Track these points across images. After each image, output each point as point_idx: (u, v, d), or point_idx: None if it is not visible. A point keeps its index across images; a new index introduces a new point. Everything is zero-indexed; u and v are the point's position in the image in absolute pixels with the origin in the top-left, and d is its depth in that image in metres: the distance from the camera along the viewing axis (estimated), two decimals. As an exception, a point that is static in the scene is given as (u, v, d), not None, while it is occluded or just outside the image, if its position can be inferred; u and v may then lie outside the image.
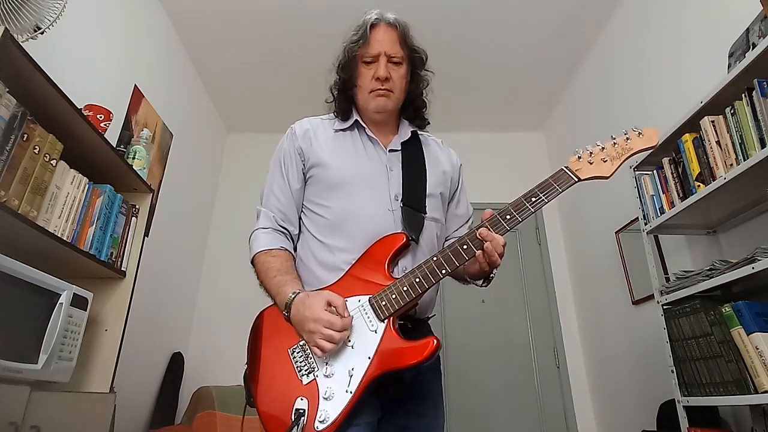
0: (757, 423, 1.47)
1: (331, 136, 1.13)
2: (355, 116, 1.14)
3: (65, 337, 1.23)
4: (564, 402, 2.86)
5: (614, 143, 1.00)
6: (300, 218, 1.11)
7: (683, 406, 1.54)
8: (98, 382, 1.46)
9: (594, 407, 2.81)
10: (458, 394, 2.84)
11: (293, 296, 0.93)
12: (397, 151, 1.13)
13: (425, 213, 1.06)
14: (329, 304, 0.90)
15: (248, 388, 0.94)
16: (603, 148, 1.00)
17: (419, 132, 1.20)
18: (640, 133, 1.00)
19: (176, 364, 2.74)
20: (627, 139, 1.00)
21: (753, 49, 1.40)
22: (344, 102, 1.16)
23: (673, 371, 1.59)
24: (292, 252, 1.07)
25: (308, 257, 1.05)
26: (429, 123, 1.23)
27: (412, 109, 1.19)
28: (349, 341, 0.90)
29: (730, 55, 1.62)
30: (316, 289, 0.98)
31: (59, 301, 1.22)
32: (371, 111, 1.12)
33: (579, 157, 1.00)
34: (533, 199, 0.95)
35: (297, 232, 1.10)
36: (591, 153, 1.00)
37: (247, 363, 0.98)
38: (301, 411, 0.84)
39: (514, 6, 2.55)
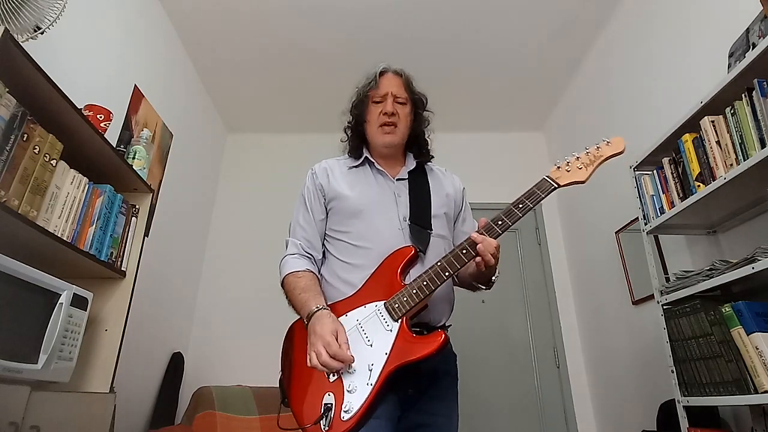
0: (757, 423, 1.47)
1: (346, 172, 1.30)
2: (365, 154, 1.31)
3: (65, 337, 1.23)
4: (564, 402, 2.86)
5: (587, 152, 1.16)
6: (324, 245, 1.26)
7: (683, 406, 1.54)
8: (98, 382, 1.46)
9: (594, 407, 2.81)
10: (459, 394, 2.83)
11: (316, 310, 1.06)
12: (404, 179, 1.29)
13: (431, 230, 1.20)
14: (335, 334, 1.01)
15: (283, 390, 1.08)
16: (578, 158, 1.15)
17: (424, 163, 1.36)
18: (608, 142, 1.16)
19: (176, 364, 2.74)
20: (597, 148, 1.16)
21: (753, 49, 1.40)
22: (356, 140, 1.34)
23: (673, 371, 1.59)
24: (317, 274, 1.20)
25: (332, 276, 1.19)
26: (432, 157, 1.39)
27: (416, 146, 1.36)
28: (368, 341, 1.03)
29: (730, 55, 1.62)
30: (339, 300, 1.12)
31: (59, 301, 1.22)
32: (380, 145, 1.29)
33: (558, 167, 1.16)
34: (520, 206, 1.09)
35: (321, 257, 1.24)
36: (568, 162, 1.15)
37: (281, 370, 1.12)
38: (329, 405, 0.96)
39: (514, 5, 2.55)
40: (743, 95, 1.37)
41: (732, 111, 1.42)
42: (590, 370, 2.87)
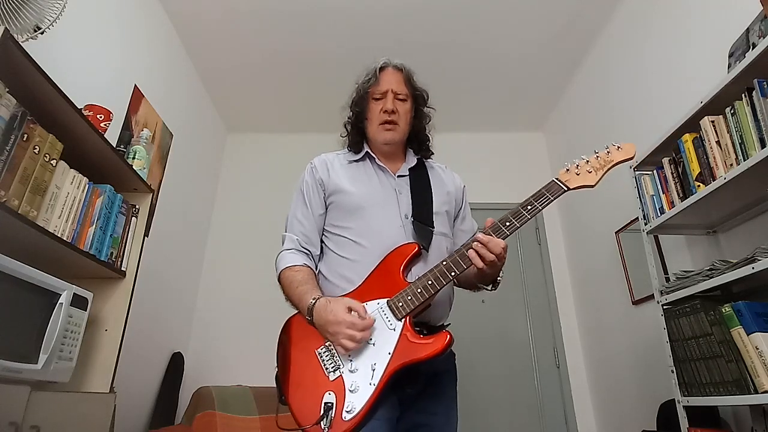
0: (757, 423, 1.47)
1: (346, 166, 1.29)
2: (366, 148, 1.31)
3: (65, 337, 1.23)
4: (564, 402, 2.86)
5: (597, 156, 1.16)
6: (322, 241, 1.24)
7: (683, 406, 1.54)
8: (98, 382, 1.46)
9: (594, 407, 2.81)
10: (458, 394, 2.83)
11: (314, 301, 1.05)
12: (405, 176, 1.28)
13: (433, 227, 1.19)
14: (350, 309, 1.01)
15: (279, 388, 1.06)
16: (587, 161, 1.16)
17: (425, 160, 1.36)
18: (619, 147, 1.16)
19: (176, 364, 2.74)
20: (608, 152, 1.17)
21: (753, 49, 1.40)
22: (357, 135, 1.33)
23: (673, 371, 1.59)
24: (314, 269, 1.19)
25: (331, 272, 1.17)
26: (433, 153, 1.38)
27: (417, 142, 1.35)
28: (371, 339, 1.01)
29: (730, 55, 1.62)
30: (340, 296, 1.09)
31: (59, 301, 1.22)
32: (380, 142, 1.28)
33: (567, 170, 1.16)
34: (529, 207, 1.09)
35: (318, 253, 1.23)
36: (578, 165, 1.15)
37: (277, 366, 1.10)
38: (330, 404, 0.95)
39: (514, 6, 2.55)
40: (743, 95, 1.38)
41: (732, 111, 1.42)
42: (590, 370, 2.87)
